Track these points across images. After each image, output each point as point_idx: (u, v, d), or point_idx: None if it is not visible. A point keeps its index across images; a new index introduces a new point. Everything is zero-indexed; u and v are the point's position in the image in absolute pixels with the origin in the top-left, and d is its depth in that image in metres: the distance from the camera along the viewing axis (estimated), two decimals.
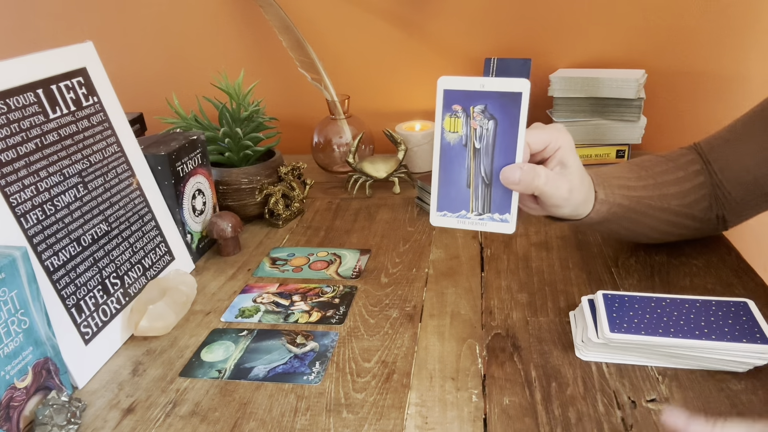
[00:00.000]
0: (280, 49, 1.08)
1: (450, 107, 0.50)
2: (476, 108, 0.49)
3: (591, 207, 0.58)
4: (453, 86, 0.49)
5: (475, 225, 0.52)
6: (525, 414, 0.51)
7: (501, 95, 0.49)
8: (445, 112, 0.50)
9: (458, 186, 0.51)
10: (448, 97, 0.50)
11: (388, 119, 1.19)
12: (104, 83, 0.70)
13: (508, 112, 0.49)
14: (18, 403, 0.51)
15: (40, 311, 0.53)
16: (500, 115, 0.49)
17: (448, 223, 0.53)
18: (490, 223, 0.52)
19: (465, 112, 0.50)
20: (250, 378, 0.57)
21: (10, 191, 0.56)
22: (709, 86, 1.10)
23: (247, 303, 0.70)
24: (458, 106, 0.50)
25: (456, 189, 0.51)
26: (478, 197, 0.52)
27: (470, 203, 0.52)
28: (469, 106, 0.50)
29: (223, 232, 0.79)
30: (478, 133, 0.50)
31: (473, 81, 0.49)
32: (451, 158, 0.51)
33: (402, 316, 0.65)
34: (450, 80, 0.49)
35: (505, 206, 0.51)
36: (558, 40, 1.11)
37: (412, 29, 1.14)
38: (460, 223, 0.52)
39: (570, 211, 0.55)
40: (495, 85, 0.49)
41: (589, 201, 0.57)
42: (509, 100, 0.49)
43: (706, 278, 0.68)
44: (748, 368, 0.53)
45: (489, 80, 0.49)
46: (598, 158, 1.05)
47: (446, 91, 0.49)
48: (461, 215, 0.52)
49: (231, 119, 0.87)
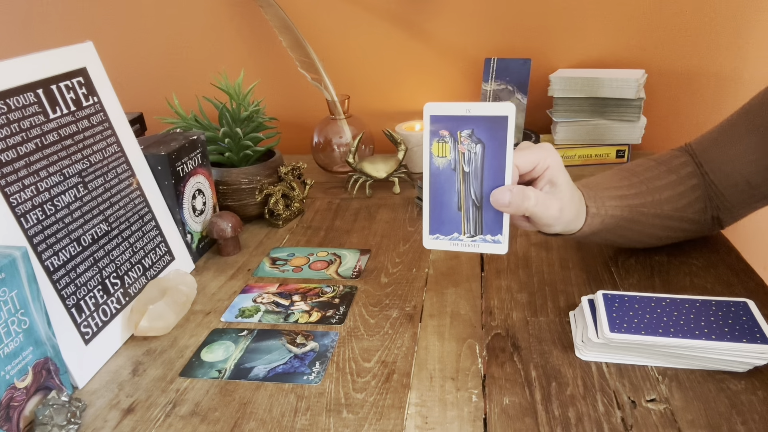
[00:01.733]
0: (280, 49, 1.08)
1: (437, 133, 0.51)
2: (463, 132, 0.50)
3: (583, 221, 0.58)
4: (439, 112, 0.50)
5: (468, 247, 0.53)
6: (525, 414, 0.51)
7: (487, 119, 0.50)
8: (432, 137, 0.51)
9: (449, 209, 0.52)
10: (435, 122, 0.50)
11: (388, 119, 1.20)
12: (104, 83, 0.70)
13: (495, 135, 0.50)
14: (18, 403, 0.51)
15: (40, 311, 0.53)
16: (487, 139, 0.50)
17: (441, 246, 0.53)
18: (482, 245, 0.53)
19: (452, 137, 0.51)
20: (250, 378, 0.57)
21: (10, 191, 0.56)
22: (709, 86, 1.10)
23: (247, 303, 0.70)
24: (445, 131, 0.51)
25: (447, 212, 0.52)
26: (469, 219, 0.52)
27: (462, 226, 0.53)
28: (456, 131, 0.50)
29: (223, 232, 0.79)
30: (466, 157, 0.51)
31: (459, 106, 0.50)
32: (441, 182, 0.51)
33: (402, 316, 0.65)
34: (436, 106, 0.50)
35: (496, 228, 0.52)
36: (558, 40, 1.11)
37: (412, 29, 1.14)
38: (453, 246, 0.53)
39: (561, 228, 0.56)
40: (481, 109, 0.50)
41: (580, 216, 0.57)
42: (495, 124, 0.50)
43: (706, 278, 0.68)
44: (748, 368, 0.53)
45: (475, 105, 0.50)
46: (598, 158, 1.05)
47: (432, 116, 0.50)
48: (454, 237, 0.53)
49: (231, 119, 0.87)
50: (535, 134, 1.09)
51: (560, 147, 1.05)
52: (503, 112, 0.49)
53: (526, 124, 1.07)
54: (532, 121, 1.13)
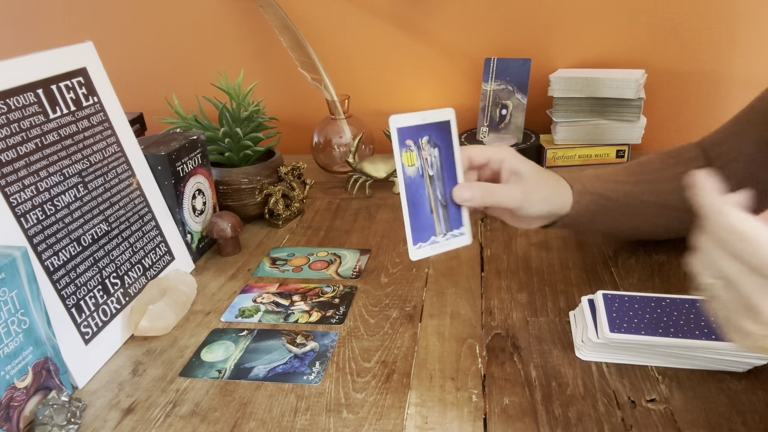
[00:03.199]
0: (280, 49, 1.08)
1: (404, 143, 0.54)
2: (423, 139, 0.54)
3: (569, 202, 0.61)
4: (403, 123, 0.53)
5: (443, 246, 0.56)
6: (525, 414, 0.51)
7: (437, 125, 0.55)
8: (401, 149, 0.53)
9: (425, 214, 0.55)
10: (401, 134, 0.53)
11: (388, 119, 1.19)
12: (104, 83, 0.70)
13: (445, 138, 0.55)
14: (18, 403, 0.51)
15: (40, 311, 0.53)
16: (440, 142, 0.55)
17: (425, 254, 0.55)
18: (452, 240, 0.56)
19: (416, 145, 0.54)
20: (250, 378, 0.57)
21: (10, 191, 0.56)
22: (709, 86, 1.10)
23: (247, 303, 0.70)
24: (410, 141, 0.54)
25: (424, 217, 0.55)
26: (440, 219, 0.56)
27: (436, 227, 0.55)
28: (418, 139, 0.54)
29: (223, 232, 0.79)
30: (429, 161, 0.55)
31: (416, 116, 0.54)
32: (414, 190, 0.54)
33: (402, 316, 0.65)
34: (400, 118, 0.53)
35: (457, 221, 0.56)
36: (558, 40, 1.11)
37: (412, 29, 1.14)
38: (432, 250, 0.55)
39: (544, 210, 0.59)
40: (430, 116, 0.54)
41: (559, 196, 0.61)
42: (443, 128, 0.55)
43: None
44: (748, 368, 0.53)
45: (426, 113, 0.54)
46: (598, 158, 1.05)
47: (399, 129, 0.53)
48: (432, 241, 0.55)
49: (231, 119, 0.87)
50: (535, 134, 1.09)
51: (560, 147, 1.05)
52: (445, 117, 0.55)
53: (526, 124, 1.07)
54: (532, 121, 1.13)
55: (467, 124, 1.18)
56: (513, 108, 1.06)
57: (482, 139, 1.08)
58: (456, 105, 1.18)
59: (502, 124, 1.07)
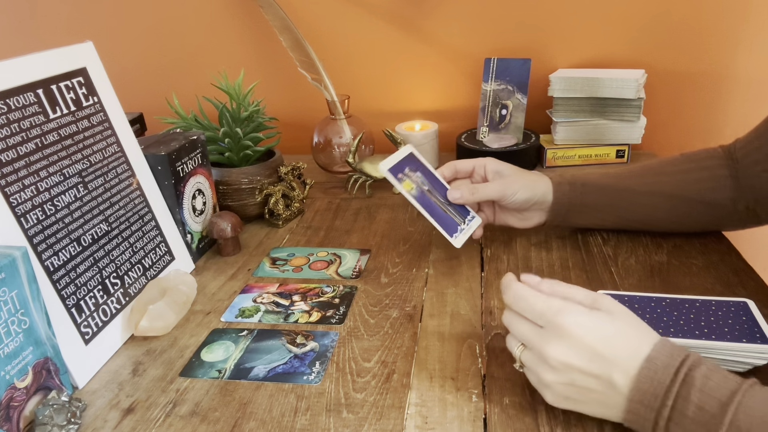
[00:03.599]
0: (280, 49, 1.08)
1: (398, 176, 0.71)
2: (406, 170, 0.72)
3: (550, 189, 0.73)
4: (390, 164, 0.71)
5: (469, 230, 0.74)
6: (525, 414, 0.51)
7: (407, 158, 0.73)
8: (399, 182, 0.71)
9: (443, 215, 0.72)
10: (393, 171, 0.71)
11: (388, 119, 1.19)
12: (104, 83, 0.70)
13: (417, 163, 0.74)
14: (18, 403, 0.51)
15: (40, 311, 0.53)
16: (417, 167, 0.74)
17: (463, 239, 0.73)
18: (471, 223, 0.75)
19: (405, 175, 0.72)
20: (250, 378, 0.57)
21: (10, 191, 0.56)
22: (709, 86, 1.10)
23: (247, 303, 0.70)
24: (401, 173, 0.71)
25: (444, 217, 0.72)
26: (454, 214, 0.73)
27: (455, 219, 0.73)
28: (404, 170, 0.72)
29: (223, 232, 0.79)
30: (420, 181, 0.72)
31: (393, 156, 0.72)
32: (425, 203, 0.71)
33: (402, 316, 0.65)
34: (387, 161, 0.71)
35: (465, 211, 0.75)
36: (558, 40, 1.11)
37: (412, 29, 1.14)
38: (464, 235, 0.73)
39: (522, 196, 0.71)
40: (399, 154, 0.73)
41: (538, 184, 0.72)
42: (412, 159, 0.74)
43: (706, 278, 0.68)
44: (747, 368, 0.53)
45: (396, 153, 0.73)
46: (598, 158, 1.05)
47: (390, 169, 0.70)
48: (460, 229, 0.73)
49: (231, 119, 0.87)
50: (535, 134, 1.09)
51: (560, 147, 1.05)
52: (407, 152, 0.74)
53: (526, 124, 1.07)
54: (532, 121, 1.13)
55: (467, 124, 1.18)
56: (513, 108, 1.06)
57: (482, 139, 1.08)
58: (456, 105, 1.18)
59: (502, 124, 1.07)
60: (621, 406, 0.45)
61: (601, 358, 0.45)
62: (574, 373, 0.45)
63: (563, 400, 0.47)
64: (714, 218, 0.72)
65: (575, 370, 0.45)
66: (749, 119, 0.70)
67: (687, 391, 0.42)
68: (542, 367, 0.47)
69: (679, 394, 0.42)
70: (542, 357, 0.47)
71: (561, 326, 0.46)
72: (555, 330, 0.46)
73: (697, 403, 0.41)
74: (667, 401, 0.42)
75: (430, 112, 1.19)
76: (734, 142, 0.71)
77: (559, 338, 0.46)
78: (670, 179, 0.70)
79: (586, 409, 0.47)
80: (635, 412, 0.44)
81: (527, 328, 0.49)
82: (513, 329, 0.50)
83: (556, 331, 0.46)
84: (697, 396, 0.41)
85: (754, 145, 0.67)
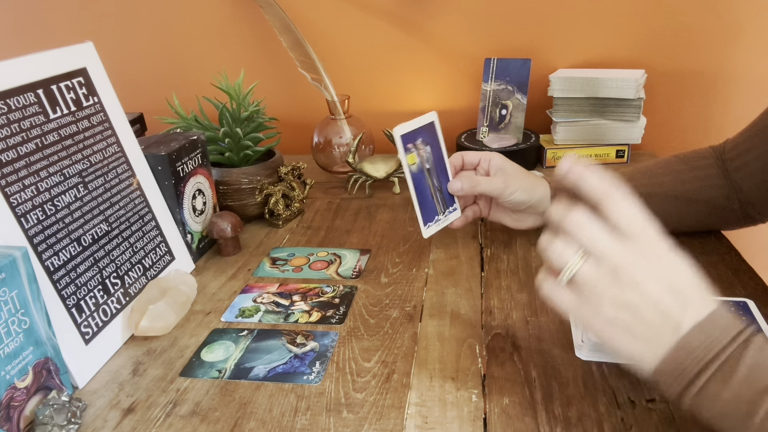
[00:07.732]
0: (280, 49, 1.08)
1: (407, 147, 0.67)
2: (418, 141, 0.68)
3: (548, 194, 0.73)
4: (405, 130, 0.67)
5: (444, 222, 0.72)
6: (525, 414, 0.51)
7: (426, 126, 0.69)
8: (406, 152, 0.67)
9: (428, 200, 0.70)
10: (404, 139, 0.67)
11: (388, 119, 1.19)
12: (104, 83, 0.70)
13: (433, 137, 0.70)
14: (18, 403, 0.51)
15: (41, 311, 0.53)
16: (430, 141, 0.70)
17: (433, 231, 0.71)
18: (449, 215, 0.73)
19: (414, 147, 0.68)
20: (250, 378, 0.57)
21: (11, 191, 0.56)
22: (708, 86, 1.10)
23: (247, 303, 0.70)
24: (411, 144, 0.68)
25: (428, 203, 0.70)
26: (438, 202, 0.71)
27: (437, 207, 0.71)
28: (415, 141, 0.68)
29: (223, 232, 0.79)
30: (425, 157, 0.69)
31: (411, 122, 0.68)
32: (418, 183, 0.69)
33: (402, 316, 0.65)
34: (402, 127, 0.66)
35: (451, 200, 0.73)
36: (558, 40, 1.11)
37: (412, 29, 1.14)
38: (437, 226, 0.72)
39: (519, 197, 0.71)
40: (420, 121, 0.68)
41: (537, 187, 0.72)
42: (430, 129, 0.70)
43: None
44: None
45: (417, 119, 0.68)
46: (598, 158, 1.05)
47: (403, 135, 0.67)
48: (436, 220, 0.71)
49: (231, 119, 0.87)
50: (535, 134, 1.09)
51: (560, 147, 1.05)
52: (430, 119, 0.70)
53: (526, 124, 1.07)
54: (532, 121, 1.13)
55: (467, 124, 1.18)
56: (513, 108, 1.06)
57: (482, 139, 1.08)
58: (456, 105, 1.18)
59: (502, 124, 1.07)
60: (666, 348, 0.40)
61: (680, 295, 0.40)
62: (645, 298, 0.40)
63: (607, 326, 0.41)
64: (711, 217, 0.72)
65: (647, 295, 0.40)
66: (749, 119, 0.70)
67: (740, 353, 0.38)
68: (609, 282, 0.41)
69: (733, 354, 0.39)
70: (616, 271, 0.40)
71: (654, 243, 0.41)
72: (646, 245, 0.41)
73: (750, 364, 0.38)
74: (721, 355, 0.39)
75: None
76: (724, 142, 0.72)
77: (645, 256, 0.40)
78: (664, 180, 0.71)
79: (624, 344, 0.41)
80: (679, 361, 0.40)
81: (604, 234, 0.41)
82: (581, 232, 0.42)
83: (649, 246, 0.41)
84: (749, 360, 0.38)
85: (744, 147, 0.68)
